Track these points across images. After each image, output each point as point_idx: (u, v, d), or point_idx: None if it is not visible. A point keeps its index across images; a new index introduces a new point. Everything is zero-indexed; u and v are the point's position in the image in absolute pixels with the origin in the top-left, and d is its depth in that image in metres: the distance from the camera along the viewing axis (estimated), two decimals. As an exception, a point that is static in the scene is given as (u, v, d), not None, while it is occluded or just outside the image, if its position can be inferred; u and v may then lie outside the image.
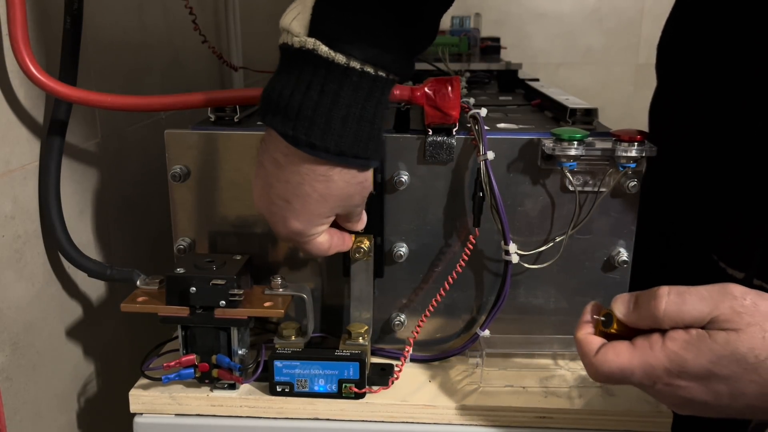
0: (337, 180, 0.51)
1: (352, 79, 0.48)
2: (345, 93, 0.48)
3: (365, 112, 0.49)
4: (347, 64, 0.47)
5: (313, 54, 0.47)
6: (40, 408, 0.66)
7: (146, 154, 0.85)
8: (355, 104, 0.48)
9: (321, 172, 0.50)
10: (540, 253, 0.64)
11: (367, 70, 0.48)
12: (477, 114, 0.60)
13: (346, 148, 0.49)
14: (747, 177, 0.66)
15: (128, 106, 0.65)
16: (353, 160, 0.50)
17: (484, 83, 1.02)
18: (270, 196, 0.52)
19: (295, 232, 0.53)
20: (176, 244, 0.66)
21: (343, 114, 0.48)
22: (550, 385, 0.63)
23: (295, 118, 0.48)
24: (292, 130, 0.48)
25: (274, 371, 0.60)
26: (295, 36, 0.48)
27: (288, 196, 0.51)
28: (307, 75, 0.48)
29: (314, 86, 0.48)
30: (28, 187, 0.64)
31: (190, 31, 0.93)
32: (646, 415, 0.60)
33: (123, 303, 0.61)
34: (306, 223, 0.53)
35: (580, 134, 0.59)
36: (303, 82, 0.48)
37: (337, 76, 0.47)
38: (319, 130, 0.48)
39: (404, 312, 0.67)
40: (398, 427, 0.61)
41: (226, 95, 0.64)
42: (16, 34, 0.58)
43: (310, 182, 0.50)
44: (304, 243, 0.55)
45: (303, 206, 0.52)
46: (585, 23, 1.60)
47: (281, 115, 0.48)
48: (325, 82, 0.48)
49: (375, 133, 0.50)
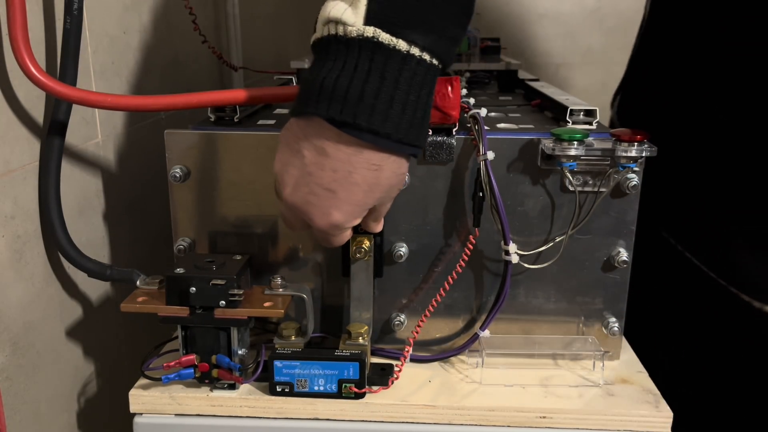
0: (386, 170, 0.51)
1: (411, 65, 0.48)
2: (404, 79, 0.48)
3: (420, 99, 0.49)
4: (408, 51, 0.48)
5: (372, 42, 0.48)
6: (40, 408, 0.66)
7: (146, 154, 0.85)
8: (412, 91, 0.49)
9: (375, 161, 0.50)
10: (540, 253, 0.64)
11: (424, 57, 0.49)
12: (477, 114, 0.60)
13: (403, 135, 0.49)
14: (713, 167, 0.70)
15: (128, 106, 0.65)
16: (408, 148, 0.50)
17: (484, 83, 1.02)
18: (310, 186, 0.52)
19: (334, 224, 0.53)
20: (176, 244, 0.66)
21: (402, 100, 0.48)
22: (550, 385, 0.63)
23: (355, 105, 0.48)
24: (353, 117, 0.48)
25: (274, 371, 0.60)
26: (349, 26, 0.48)
27: (333, 185, 0.51)
28: (365, 63, 0.48)
29: (374, 73, 0.48)
30: (28, 187, 0.64)
31: (190, 31, 0.93)
32: (646, 415, 0.60)
33: (123, 303, 0.61)
34: (348, 214, 0.53)
35: (580, 134, 0.59)
36: (362, 71, 0.48)
37: (397, 62, 0.48)
38: (380, 116, 0.48)
39: (404, 312, 0.67)
40: (398, 427, 0.61)
41: (227, 95, 0.64)
42: (16, 34, 0.58)
43: (361, 171, 0.50)
44: (334, 236, 0.55)
45: (349, 196, 0.51)
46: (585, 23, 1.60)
47: (339, 102, 0.48)
48: (385, 68, 0.48)
49: (426, 121, 0.51)
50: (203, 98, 0.63)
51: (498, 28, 1.58)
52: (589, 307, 0.66)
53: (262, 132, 0.64)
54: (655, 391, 0.63)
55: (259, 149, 0.63)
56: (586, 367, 0.65)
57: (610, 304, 0.66)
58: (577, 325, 0.67)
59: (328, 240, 0.56)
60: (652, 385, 0.64)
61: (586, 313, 0.66)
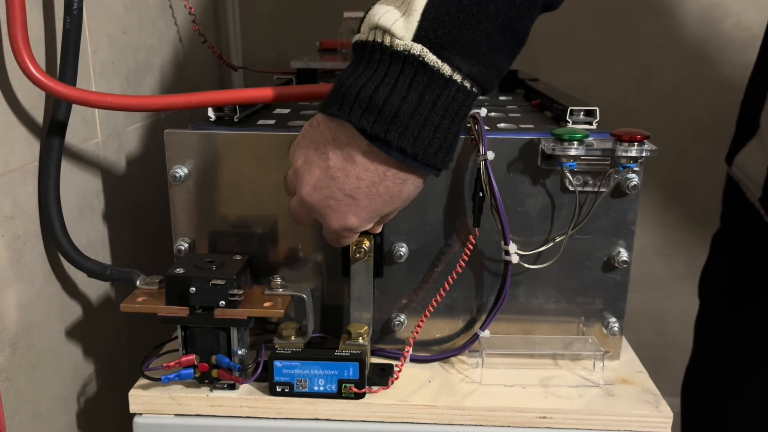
0: (410, 184, 0.52)
1: (451, 90, 0.48)
2: (441, 103, 0.48)
3: (453, 124, 0.49)
4: (450, 76, 0.47)
5: (418, 60, 0.47)
6: (40, 408, 0.66)
7: (146, 154, 0.85)
8: (447, 116, 0.48)
9: (401, 177, 0.51)
10: (540, 253, 0.64)
11: (465, 84, 0.48)
12: (477, 114, 0.60)
13: (430, 158, 0.49)
14: None
15: (128, 106, 0.65)
16: (433, 170, 0.51)
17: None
18: (331, 189, 0.52)
19: (348, 228, 0.53)
20: (176, 245, 0.66)
21: (436, 124, 0.48)
22: (550, 385, 0.63)
23: (389, 121, 0.48)
24: (385, 133, 0.48)
25: (274, 371, 0.60)
26: (397, 38, 0.47)
27: (355, 192, 0.51)
28: (406, 80, 0.47)
29: (413, 92, 0.47)
30: (28, 187, 0.64)
31: (190, 31, 0.93)
32: (646, 415, 0.60)
33: (123, 303, 0.61)
34: (364, 220, 0.53)
35: (580, 134, 0.59)
36: (401, 87, 0.47)
37: (438, 85, 0.48)
38: (411, 136, 0.48)
39: (404, 312, 0.67)
40: (398, 427, 0.61)
41: (227, 95, 0.64)
42: (16, 34, 0.58)
43: (385, 183, 0.51)
44: (345, 237, 0.55)
45: (369, 204, 0.52)
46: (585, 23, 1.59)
47: (373, 114, 0.48)
48: (425, 89, 0.47)
49: (454, 146, 0.51)
50: (203, 98, 0.63)
51: (498, 28, 1.58)
52: (590, 307, 0.66)
53: (262, 132, 0.64)
54: (655, 391, 0.63)
55: (259, 149, 0.63)
56: (586, 368, 0.65)
57: (611, 304, 0.66)
58: (577, 325, 0.67)
59: (337, 240, 0.56)
60: (652, 385, 0.64)
61: (587, 313, 0.66)
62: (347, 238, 0.56)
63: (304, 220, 0.56)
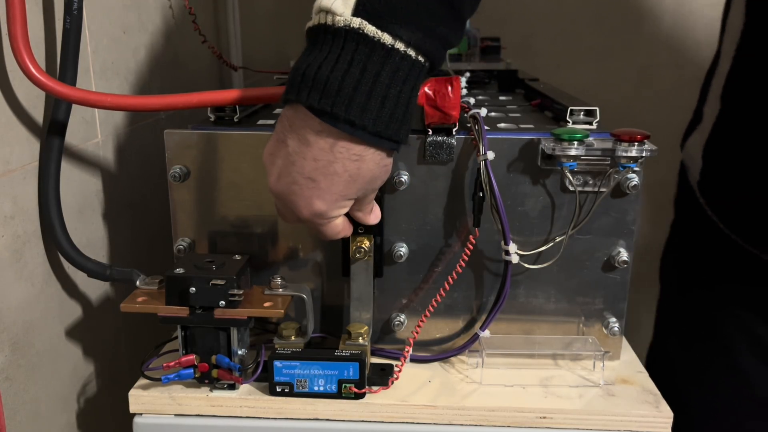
0: (368, 161, 0.51)
1: (395, 59, 0.48)
2: (385, 73, 0.48)
3: (402, 94, 0.50)
4: (392, 45, 0.48)
5: (358, 33, 0.48)
6: (40, 408, 0.66)
7: (146, 154, 0.85)
8: (393, 85, 0.49)
9: (356, 152, 0.50)
10: (540, 253, 0.64)
11: (409, 53, 0.49)
12: (477, 114, 0.60)
13: (381, 129, 0.49)
14: None
15: (128, 106, 0.65)
16: (386, 142, 0.51)
17: (484, 83, 1.02)
18: (293, 175, 0.52)
19: (317, 213, 0.53)
20: (176, 244, 0.66)
21: (382, 94, 0.49)
22: (550, 385, 0.63)
23: (334, 95, 0.48)
24: (331, 107, 0.48)
25: (274, 371, 0.60)
26: (338, 15, 0.48)
27: (314, 174, 0.51)
28: (348, 53, 0.48)
29: (356, 64, 0.48)
30: (28, 187, 0.64)
31: (190, 31, 0.93)
32: (646, 415, 0.60)
33: (123, 303, 0.61)
34: (330, 203, 0.53)
35: (580, 134, 0.59)
36: (344, 61, 0.48)
37: (380, 55, 0.48)
38: (358, 108, 0.48)
39: (404, 312, 0.67)
40: (398, 427, 0.61)
41: (227, 95, 0.64)
42: (16, 34, 0.58)
43: (342, 161, 0.51)
44: (321, 225, 0.55)
45: (329, 186, 0.52)
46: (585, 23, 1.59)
47: (318, 91, 0.48)
48: (367, 60, 0.48)
49: (408, 117, 0.51)
50: (203, 98, 0.63)
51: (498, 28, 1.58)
52: (590, 307, 0.66)
53: (262, 132, 0.64)
54: (655, 391, 0.63)
55: (259, 149, 0.63)
56: (586, 368, 0.65)
57: (611, 304, 0.66)
58: (577, 325, 0.67)
59: (317, 230, 0.56)
60: (652, 385, 0.63)
61: (587, 313, 0.66)
62: (325, 227, 0.56)
63: (287, 216, 0.56)
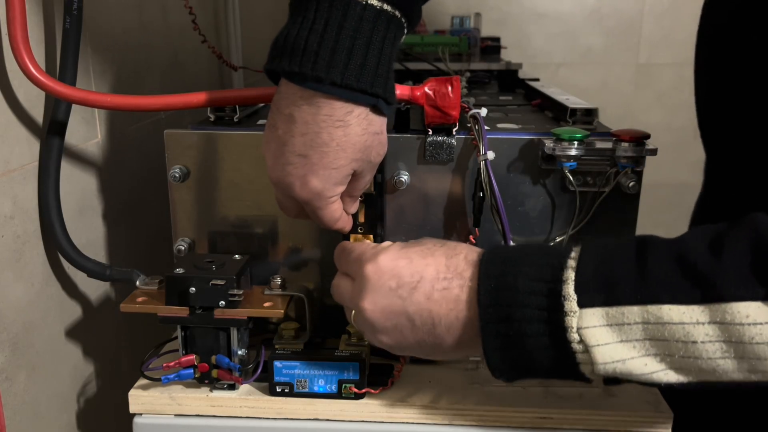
0: (354, 126, 0.51)
1: (356, 10, 0.49)
2: (348, 24, 0.49)
3: (371, 45, 0.49)
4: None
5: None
6: (40, 408, 0.66)
7: (146, 154, 0.85)
8: (360, 36, 0.49)
9: (338, 117, 0.50)
10: (540, 253, 0.64)
11: (371, 3, 0.49)
12: (477, 114, 0.60)
13: (352, 81, 0.49)
14: None
15: (128, 106, 0.65)
16: (362, 96, 0.50)
17: (484, 83, 1.02)
18: (286, 156, 0.52)
19: (314, 191, 0.53)
20: (176, 245, 0.66)
21: (348, 45, 0.49)
22: (550, 385, 0.63)
23: (301, 54, 0.48)
24: (299, 66, 0.48)
25: (274, 372, 0.60)
26: None
27: (305, 150, 0.51)
28: (311, 13, 0.49)
29: (318, 21, 0.48)
30: (28, 187, 0.64)
31: (190, 31, 0.93)
32: (646, 415, 0.59)
33: (122, 303, 0.61)
34: (325, 179, 0.52)
35: (580, 134, 0.59)
36: (308, 20, 0.49)
37: (340, 8, 0.48)
38: (324, 62, 0.48)
39: (404, 312, 0.67)
40: (398, 427, 0.61)
41: (227, 95, 0.64)
42: (16, 34, 0.58)
43: (327, 129, 0.50)
44: (320, 208, 0.55)
45: (321, 158, 0.51)
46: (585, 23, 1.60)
47: (288, 55, 0.49)
48: (329, 15, 0.48)
49: (383, 69, 0.50)
50: (203, 98, 0.63)
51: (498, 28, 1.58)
52: (589, 307, 0.66)
53: (262, 132, 0.64)
54: (655, 391, 0.62)
55: (259, 149, 0.63)
56: (586, 368, 0.65)
57: None
58: (577, 325, 0.67)
59: (317, 214, 0.56)
60: (652, 385, 0.63)
61: (586, 313, 0.66)
62: (325, 209, 0.55)
63: (288, 206, 0.56)
